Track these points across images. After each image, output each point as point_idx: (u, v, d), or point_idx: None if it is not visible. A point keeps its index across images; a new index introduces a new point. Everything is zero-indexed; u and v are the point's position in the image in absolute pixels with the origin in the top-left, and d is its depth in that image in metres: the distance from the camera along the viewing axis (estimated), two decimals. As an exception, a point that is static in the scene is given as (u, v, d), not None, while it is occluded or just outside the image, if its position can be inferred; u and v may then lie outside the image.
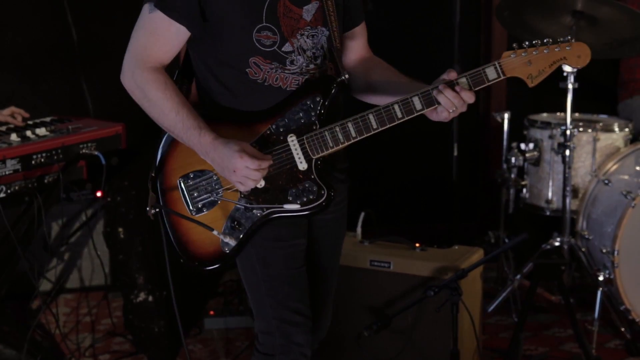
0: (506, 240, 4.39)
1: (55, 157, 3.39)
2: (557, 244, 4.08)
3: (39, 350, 3.53)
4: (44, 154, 3.35)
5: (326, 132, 2.40)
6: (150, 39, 2.40)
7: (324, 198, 2.41)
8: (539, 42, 2.37)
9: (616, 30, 3.95)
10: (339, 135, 2.40)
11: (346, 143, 2.41)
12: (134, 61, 2.41)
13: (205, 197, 2.45)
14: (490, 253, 3.48)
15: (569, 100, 3.97)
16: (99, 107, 4.57)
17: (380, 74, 2.57)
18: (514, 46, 2.38)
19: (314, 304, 2.62)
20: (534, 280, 3.46)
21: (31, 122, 3.61)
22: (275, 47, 2.40)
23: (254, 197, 2.42)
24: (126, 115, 3.83)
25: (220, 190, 2.44)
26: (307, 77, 2.44)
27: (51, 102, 4.68)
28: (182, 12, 2.36)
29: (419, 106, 2.38)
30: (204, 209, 2.45)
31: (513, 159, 4.26)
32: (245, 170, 2.32)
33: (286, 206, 2.41)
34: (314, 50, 2.45)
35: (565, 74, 3.96)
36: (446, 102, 2.36)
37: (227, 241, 2.43)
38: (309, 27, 2.44)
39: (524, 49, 2.37)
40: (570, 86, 3.96)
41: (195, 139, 2.37)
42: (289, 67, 2.42)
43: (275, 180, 2.41)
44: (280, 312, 2.51)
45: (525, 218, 4.55)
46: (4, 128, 3.50)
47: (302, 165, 2.41)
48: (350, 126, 2.39)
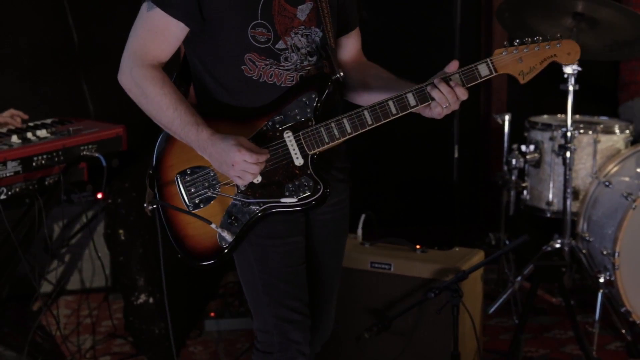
0: (507, 242, 4.39)
1: (56, 159, 3.39)
2: (558, 245, 4.08)
3: (39, 352, 3.52)
4: (44, 156, 3.35)
5: (322, 128, 2.42)
6: (149, 36, 2.42)
7: (320, 193, 2.42)
8: (529, 40, 2.41)
9: (616, 32, 3.95)
10: (335, 130, 2.42)
11: (342, 139, 2.43)
12: (131, 59, 2.42)
13: (202, 192, 2.46)
14: (491, 255, 3.47)
15: (569, 102, 3.97)
16: (100, 109, 4.58)
17: (374, 74, 2.59)
18: (505, 44, 2.41)
19: (316, 305, 2.62)
20: (534, 282, 3.46)
21: (32, 124, 3.61)
22: (269, 44, 2.42)
23: (251, 192, 2.43)
24: (127, 117, 3.83)
25: (217, 185, 2.45)
26: (301, 74, 2.46)
27: (52, 103, 4.69)
28: (181, 8, 2.38)
29: (413, 102, 2.40)
30: (201, 204, 2.47)
31: (514, 161, 4.26)
32: (243, 164, 2.34)
33: (283, 200, 2.42)
34: (308, 49, 2.47)
35: (565, 75, 3.97)
36: (440, 97, 2.38)
37: (224, 236, 2.44)
38: (302, 27, 2.47)
39: (515, 46, 2.41)
40: (571, 88, 3.96)
41: (192, 135, 2.39)
42: (283, 63, 2.44)
43: (272, 176, 2.43)
44: (277, 310, 2.52)
45: (526, 220, 4.55)
46: (4, 130, 3.50)
47: (299, 161, 2.43)
48: (345, 122, 2.42)
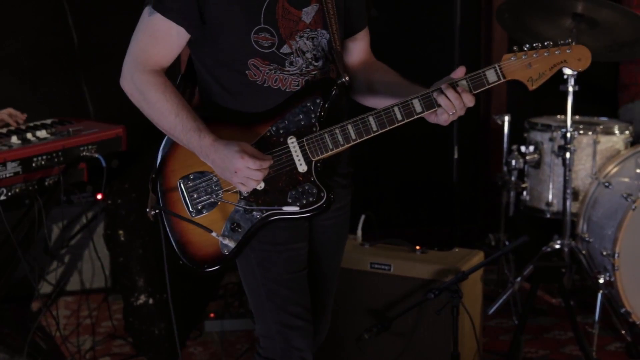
0: (506, 243, 4.39)
1: (56, 160, 3.39)
2: (558, 246, 4.08)
3: (39, 352, 3.52)
4: (44, 157, 3.35)
5: (326, 134, 2.39)
6: (150, 41, 2.39)
7: (323, 200, 2.40)
8: (539, 45, 2.36)
9: (616, 32, 3.95)
10: (339, 137, 2.39)
11: (346, 145, 2.40)
12: (133, 64, 2.40)
13: (205, 198, 2.44)
14: (491, 255, 3.47)
15: (569, 103, 3.97)
16: (100, 110, 4.58)
17: (381, 77, 2.56)
18: (514, 49, 2.36)
19: (313, 308, 2.61)
20: (534, 282, 3.46)
21: (32, 125, 3.61)
22: (273, 49, 2.39)
23: (254, 198, 2.41)
24: (127, 117, 3.83)
25: (219, 191, 2.43)
26: (307, 79, 2.43)
27: (52, 104, 4.68)
28: (181, 13, 2.35)
29: (419, 109, 2.37)
30: (204, 210, 2.45)
31: (513, 162, 4.26)
32: (246, 171, 2.32)
33: (285, 208, 2.40)
34: (314, 52, 2.44)
35: (565, 76, 3.97)
36: (447, 103, 2.34)
37: (226, 243, 2.42)
38: (308, 30, 2.43)
39: (524, 51, 2.36)
40: (571, 89, 3.97)
41: (195, 141, 2.37)
42: (288, 68, 2.41)
43: (275, 182, 2.40)
44: (280, 317, 2.50)
45: (526, 220, 4.55)
46: (4, 130, 3.50)
47: (302, 167, 2.40)
48: (350, 128, 2.38)
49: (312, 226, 2.56)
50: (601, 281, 3.86)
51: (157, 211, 2.48)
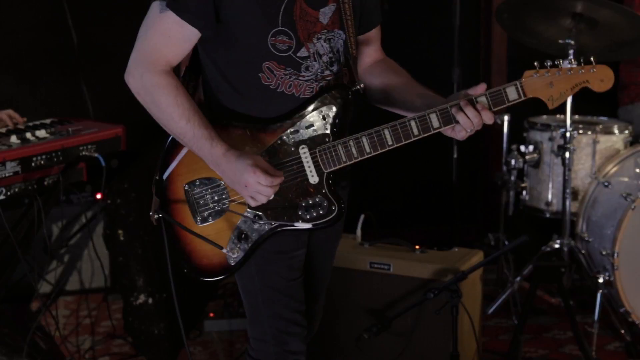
0: (506, 243, 4.39)
1: (55, 159, 3.39)
2: (557, 246, 4.07)
3: (38, 352, 3.52)
4: (43, 156, 3.35)
5: (339, 145, 2.33)
6: (161, 40, 2.29)
7: (334, 214, 2.36)
8: (560, 63, 2.30)
9: (616, 32, 3.95)
10: (353, 150, 2.33)
11: (359, 158, 2.35)
12: (143, 63, 2.29)
13: (212, 206, 2.38)
14: (490, 255, 3.47)
15: (568, 103, 3.97)
16: (99, 109, 4.58)
17: (394, 81, 2.49)
18: (535, 64, 2.31)
19: (306, 305, 2.58)
20: (533, 282, 3.46)
21: (31, 124, 3.61)
22: (290, 52, 2.31)
23: (263, 210, 2.35)
24: (126, 117, 3.84)
25: (227, 200, 2.37)
26: (321, 85, 2.36)
27: (51, 104, 4.69)
28: (196, 14, 2.26)
29: (436, 124, 2.31)
30: (210, 218, 2.38)
31: (513, 161, 4.26)
32: (257, 186, 2.25)
33: (297, 224, 2.35)
34: (330, 55, 2.37)
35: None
36: (465, 121, 2.28)
37: (234, 254, 2.37)
38: (325, 31, 2.35)
39: (547, 68, 2.30)
40: (570, 88, 3.96)
41: (206, 149, 2.29)
42: (303, 73, 2.34)
43: (285, 193, 2.34)
44: (276, 323, 2.46)
45: (525, 220, 4.55)
46: (3, 130, 3.51)
47: (314, 179, 2.35)
48: (364, 141, 2.32)
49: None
50: (600, 281, 3.86)
51: (160, 215, 2.40)
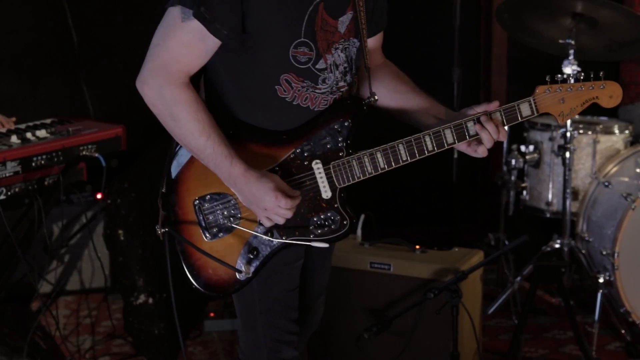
0: (506, 243, 4.39)
1: (56, 159, 3.39)
2: (557, 246, 4.08)
3: (39, 352, 3.52)
4: (44, 156, 3.35)
5: (354, 161, 2.31)
6: (182, 51, 2.19)
7: (346, 228, 2.34)
8: (570, 78, 2.33)
9: (616, 32, 3.95)
10: (367, 165, 2.32)
11: (373, 174, 2.33)
12: (162, 74, 2.20)
13: (223, 222, 2.32)
14: (490, 255, 3.47)
15: (569, 103, 3.97)
16: (99, 109, 4.57)
17: (398, 88, 2.46)
18: (547, 80, 2.33)
19: (307, 305, 2.59)
20: (534, 282, 3.46)
21: (31, 124, 3.61)
22: (309, 64, 2.26)
23: (274, 226, 2.31)
24: (126, 117, 3.84)
25: (238, 215, 2.32)
26: (335, 97, 2.32)
27: (51, 104, 4.69)
28: (224, 25, 2.16)
29: (450, 139, 2.33)
30: (220, 233, 2.33)
31: (513, 161, 4.26)
32: (277, 209, 2.23)
33: (314, 244, 2.33)
34: (345, 65, 2.33)
35: (565, 76, 3.95)
36: (488, 137, 2.32)
37: (244, 270, 2.32)
38: (342, 40, 2.31)
39: (558, 84, 2.33)
40: (571, 88, 3.96)
41: (225, 168, 2.24)
42: (320, 86, 2.29)
43: (297, 209, 2.30)
44: (272, 333, 2.44)
45: (526, 220, 4.55)
46: (4, 130, 3.51)
47: (326, 194, 2.32)
48: (379, 156, 2.31)
49: None
50: (601, 281, 3.86)
51: (166, 229, 2.33)
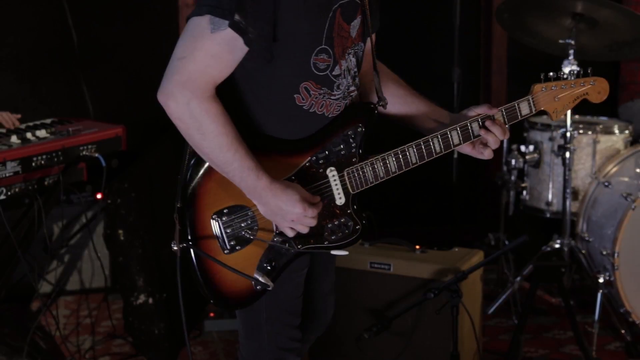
0: (506, 243, 4.39)
1: (56, 159, 3.39)
2: (557, 246, 4.08)
3: (39, 352, 3.52)
4: (44, 156, 3.35)
5: (367, 166, 2.33)
6: (211, 62, 2.13)
7: (358, 233, 2.36)
8: (564, 76, 2.40)
9: (616, 32, 3.95)
10: (380, 170, 2.35)
11: (385, 178, 2.36)
12: (190, 88, 2.12)
13: (241, 234, 2.30)
14: (491, 255, 3.47)
15: (569, 102, 3.97)
16: (99, 109, 4.57)
17: (394, 91, 2.47)
18: (541, 77, 2.38)
19: (316, 308, 2.58)
20: (534, 282, 3.46)
21: (31, 124, 3.61)
22: (327, 71, 2.25)
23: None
24: (126, 117, 3.84)
25: (255, 226, 2.30)
26: (346, 102, 2.32)
27: (51, 104, 4.69)
28: (259, 37, 2.12)
29: (456, 140, 2.35)
30: (238, 246, 2.30)
31: (513, 161, 4.26)
32: (303, 219, 2.23)
33: (334, 252, 2.34)
34: (354, 70, 2.33)
35: (565, 76, 3.96)
36: (494, 139, 2.35)
37: (263, 281, 2.30)
38: (354, 44, 2.31)
39: (551, 82, 2.39)
40: (570, 88, 3.96)
41: (251, 181, 2.20)
42: (335, 92, 2.28)
43: None
44: (277, 341, 2.43)
45: (526, 220, 4.55)
46: (4, 130, 3.51)
47: (340, 200, 2.33)
48: (391, 161, 2.34)
49: None
50: (601, 280, 3.86)
51: (184, 245, 2.29)
